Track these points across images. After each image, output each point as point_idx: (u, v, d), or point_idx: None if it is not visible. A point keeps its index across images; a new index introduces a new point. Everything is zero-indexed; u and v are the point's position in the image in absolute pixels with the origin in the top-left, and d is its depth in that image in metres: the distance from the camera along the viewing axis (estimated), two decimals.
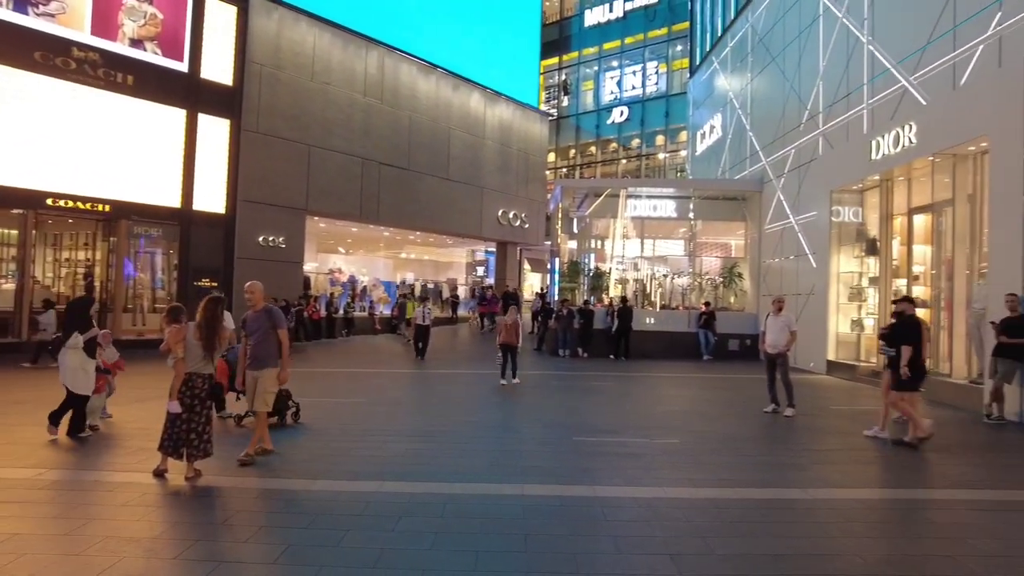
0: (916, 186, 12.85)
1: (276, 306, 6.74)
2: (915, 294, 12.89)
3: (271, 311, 6.41)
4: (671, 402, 10.88)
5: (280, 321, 6.40)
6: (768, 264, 18.47)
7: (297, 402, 8.06)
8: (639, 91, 41.17)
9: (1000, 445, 7.80)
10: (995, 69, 9.70)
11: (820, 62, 15.36)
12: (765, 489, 5.63)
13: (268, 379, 6.29)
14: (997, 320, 9.14)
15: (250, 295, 6.39)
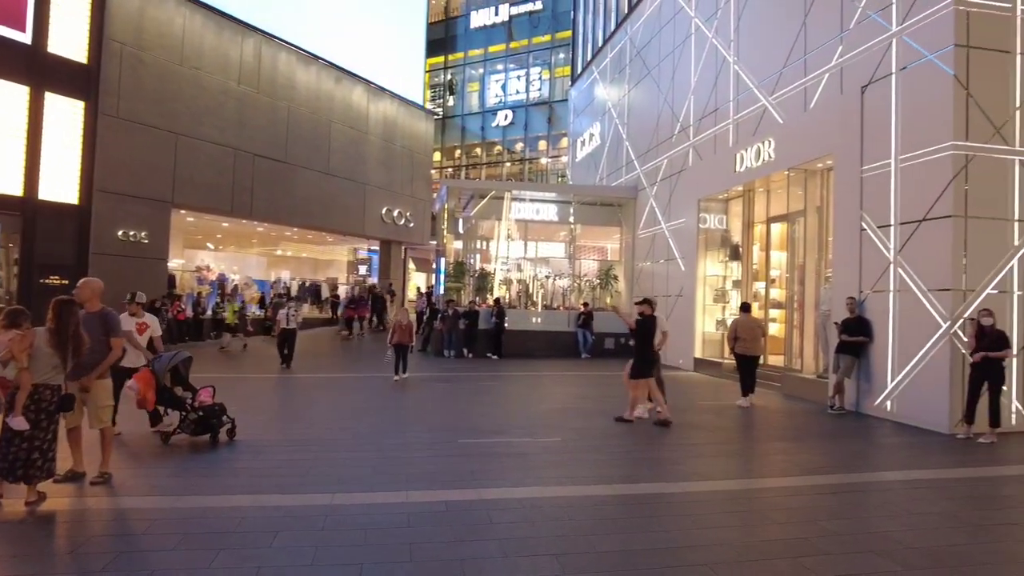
0: (774, 197, 14.02)
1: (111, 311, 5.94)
2: (772, 296, 14.11)
3: (105, 315, 5.76)
4: (553, 400, 11.15)
5: (113, 327, 5.77)
6: (641, 267, 19.43)
7: (232, 417, 7.37)
8: (523, 96, 41.95)
9: (842, 433, 8.67)
10: (838, 95, 10.79)
11: (692, 78, 16.37)
12: (642, 484, 5.90)
13: (99, 392, 5.65)
14: (839, 321, 10.18)
15: (79, 293, 5.70)
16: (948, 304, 8.59)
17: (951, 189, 8.55)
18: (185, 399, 7.14)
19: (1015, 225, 8.76)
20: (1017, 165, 8.76)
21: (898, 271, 9.43)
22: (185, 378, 7.32)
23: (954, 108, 8.55)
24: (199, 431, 7.04)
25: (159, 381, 6.89)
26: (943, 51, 8.71)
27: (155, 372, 6.90)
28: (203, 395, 7.31)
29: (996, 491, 6.09)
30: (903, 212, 9.36)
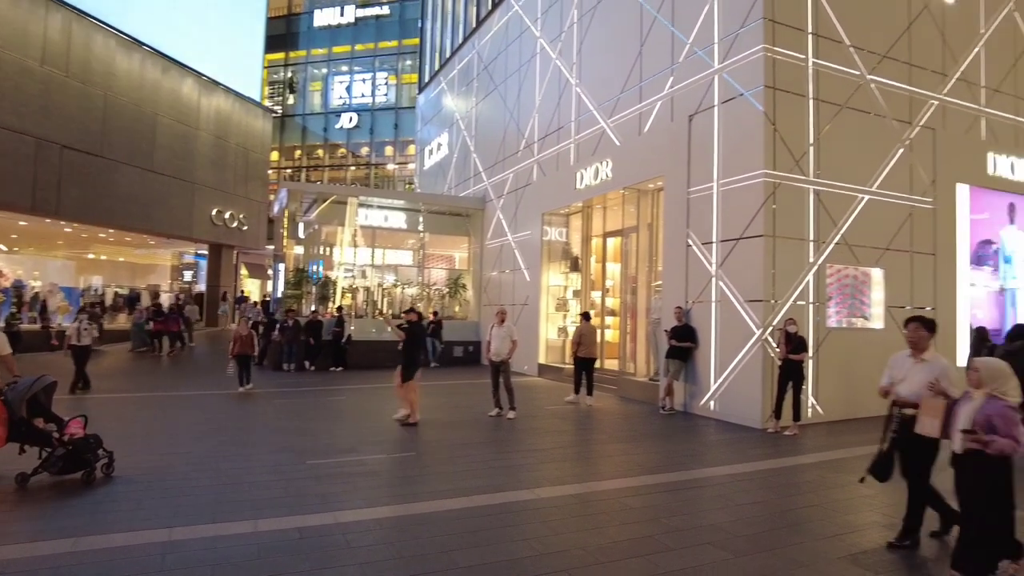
0: (610, 213, 14.98)
1: None
2: (608, 305, 15.03)
3: None
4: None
5: None
6: (489, 276, 19.83)
7: (110, 451, 6.36)
8: (369, 99, 41.09)
9: (673, 432, 9.45)
10: (669, 122, 11.80)
11: (537, 96, 17.04)
12: (499, 494, 6.01)
13: None
14: (669, 328, 11.11)
15: None
16: (760, 313, 9.70)
17: (762, 212, 9.69)
18: (50, 432, 6.11)
19: (811, 244, 10.11)
20: (811, 193, 10.14)
21: (719, 283, 10.49)
22: (47, 408, 6.27)
23: (764, 141, 9.71)
24: (68, 468, 6.06)
25: (13, 413, 5.85)
26: (755, 90, 9.87)
27: (8, 403, 5.86)
28: (72, 426, 6.29)
29: (799, 478, 6.96)
30: (723, 231, 10.44)
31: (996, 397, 4.00)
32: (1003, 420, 3.91)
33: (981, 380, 4.09)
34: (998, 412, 3.94)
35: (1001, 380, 4.04)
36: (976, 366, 4.16)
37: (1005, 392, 4.01)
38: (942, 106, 11.77)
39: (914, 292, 11.22)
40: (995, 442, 3.88)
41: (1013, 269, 13.00)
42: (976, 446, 3.98)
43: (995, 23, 12.66)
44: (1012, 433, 3.88)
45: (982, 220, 12.45)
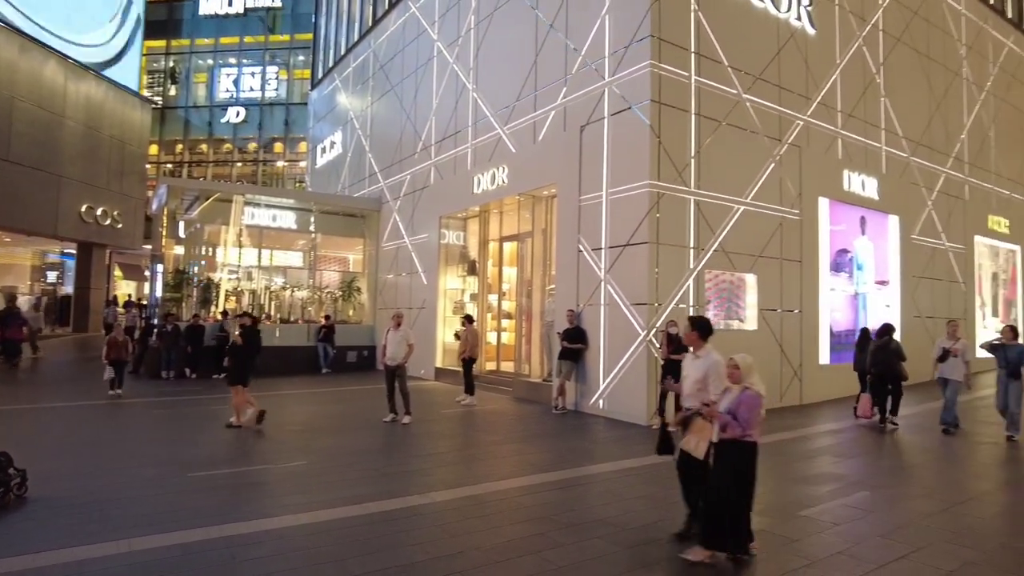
0: (507, 218, 15.21)
1: None
2: (504, 308, 15.25)
3: None
4: (293, 421, 10.64)
5: None
6: (385, 279, 19.55)
7: (22, 470, 5.64)
8: (258, 94, 39.31)
9: (565, 431, 9.74)
10: (562, 131, 12.17)
11: (434, 99, 17.01)
12: (392, 500, 5.97)
13: None
14: (561, 330, 11.44)
15: None
16: (645, 316, 10.21)
17: (647, 220, 10.20)
18: None
19: (691, 251, 10.76)
20: (692, 203, 10.79)
21: (608, 288, 10.93)
22: None
23: (650, 153, 10.23)
24: None
25: None
26: (642, 104, 10.39)
27: None
28: None
29: None
30: (612, 237, 10.89)
31: (749, 388, 4.50)
32: (746, 406, 4.42)
33: (740, 376, 4.54)
34: (746, 400, 4.45)
35: (752, 373, 4.55)
36: (736, 363, 4.59)
37: (753, 383, 4.52)
38: (806, 126, 12.89)
39: (783, 296, 12.20)
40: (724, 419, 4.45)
41: (864, 275, 14.45)
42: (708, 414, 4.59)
43: (848, 55, 14.02)
44: (748, 417, 4.40)
45: (839, 231, 13.75)
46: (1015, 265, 20.80)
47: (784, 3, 12.48)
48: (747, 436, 4.47)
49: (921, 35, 16.55)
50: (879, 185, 14.59)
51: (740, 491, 4.48)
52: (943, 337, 9.77)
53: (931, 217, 16.48)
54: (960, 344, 9.43)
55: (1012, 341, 9.15)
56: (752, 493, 4.55)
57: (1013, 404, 8.98)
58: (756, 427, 4.49)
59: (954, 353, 9.40)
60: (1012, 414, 9.03)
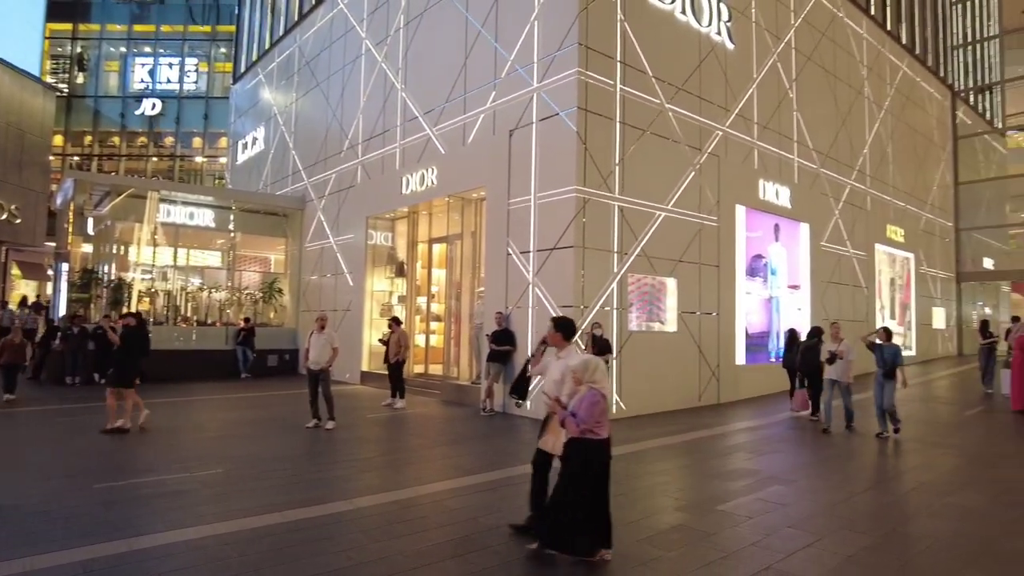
0: (436, 220, 15.13)
1: None
2: (433, 310, 15.16)
3: None
4: (210, 428, 10.22)
5: None
6: (308, 281, 19.07)
7: None
8: (176, 86, 37.43)
9: (493, 433, 9.79)
10: (491, 135, 12.23)
11: (361, 97, 16.74)
12: (314, 507, 5.82)
13: None
14: (490, 332, 11.48)
15: None
16: (571, 318, 10.35)
17: (574, 225, 10.39)
18: None
19: (615, 256, 11.03)
20: (616, 209, 11.07)
21: (535, 290, 11.06)
22: None
23: (576, 159, 10.43)
24: None
25: None
26: (569, 111, 10.57)
27: None
28: None
29: None
30: (539, 241, 11.03)
31: (592, 386, 4.50)
32: (586, 404, 4.43)
33: (580, 378, 4.56)
34: (586, 398, 4.45)
35: (590, 372, 4.54)
36: (573, 368, 4.63)
37: (595, 381, 4.52)
38: (725, 137, 13.46)
39: (701, 299, 12.68)
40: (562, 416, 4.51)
41: (777, 280, 15.21)
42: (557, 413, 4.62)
43: (764, 70, 14.75)
44: (587, 415, 4.40)
45: (755, 237, 14.42)
46: (909, 271, 22.40)
47: (705, 18, 13.00)
48: (591, 433, 4.44)
49: (829, 55, 17.61)
50: (791, 194, 15.40)
51: (594, 490, 4.50)
52: (828, 340, 10.27)
53: (838, 225, 17.54)
54: (844, 346, 9.95)
55: (887, 342, 9.64)
56: (607, 492, 4.57)
57: (887, 401, 9.34)
58: (603, 425, 4.49)
59: (840, 355, 9.89)
60: (887, 411, 9.39)
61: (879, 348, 9.61)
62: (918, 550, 4.89)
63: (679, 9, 12.44)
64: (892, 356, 9.47)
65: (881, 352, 9.55)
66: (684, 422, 10.70)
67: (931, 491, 6.61)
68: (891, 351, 9.51)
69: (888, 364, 9.44)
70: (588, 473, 4.47)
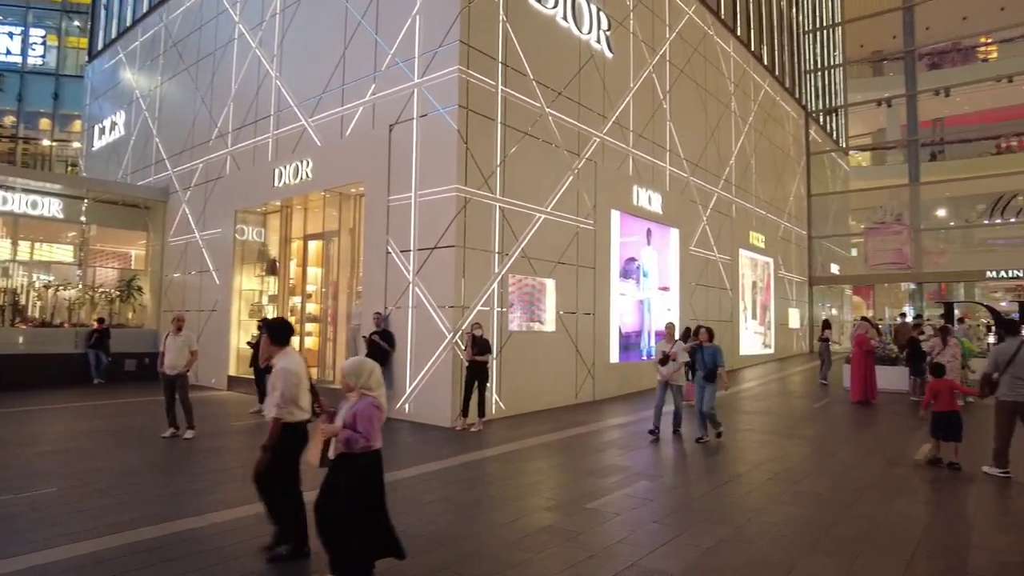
0: (311, 215, 14.52)
1: None
2: (308, 311, 14.53)
3: None
4: (49, 441, 9.16)
5: None
6: (171, 278, 17.71)
7: None
8: (18, 59, 33.52)
9: None
10: (370, 129, 11.88)
11: (233, 83, 15.75)
12: (164, 524, 5.33)
13: None
14: (368, 334, 11.13)
15: None
16: (451, 318, 10.28)
17: (455, 224, 10.30)
18: None
19: (495, 256, 11.05)
20: (497, 209, 11.10)
21: (416, 290, 10.85)
22: None
23: (457, 157, 10.34)
24: None
25: None
26: (450, 108, 10.47)
27: None
28: None
29: (482, 471, 7.52)
30: (420, 240, 10.84)
31: (366, 394, 4.04)
32: (362, 416, 3.97)
33: (348, 383, 4.08)
34: (361, 409, 3.99)
35: (363, 376, 4.06)
36: (342, 370, 4.20)
37: (369, 387, 4.05)
38: (602, 143, 13.89)
39: (578, 300, 13.00)
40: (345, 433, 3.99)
41: (649, 282, 15.91)
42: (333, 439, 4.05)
43: (640, 81, 15.39)
44: (367, 428, 3.97)
45: (629, 242, 14.99)
46: (769, 275, 24.23)
47: (586, 25, 13.34)
48: (366, 445, 4.02)
49: (700, 70, 18.67)
50: (663, 201, 16.17)
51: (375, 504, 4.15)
52: (663, 341, 9.92)
53: (705, 231, 18.63)
54: (677, 347, 9.51)
55: (708, 343, 9.24)
56: (384, 502, 4.25)
57: (706, 405, 9.01)
58: (377, 436, 4.08)
59: (672, 357, 9.42)
60: (707, 415, 9.08)
61: (699, 350, 9.26)
62: (770, 538, 5.20)
63: (560, 15, 12.69)
64: (712, 357, 9.08)
65: (701, 354, 9.18)
66: (561, 420, 10.90)
67: (784, 480, 7.10)
68: (711, 352, 9.12)
69: (708, 366, 9.07)
70: (366, 488, 4.07)
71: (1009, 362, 7.15)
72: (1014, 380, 7.11)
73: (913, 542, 5.10)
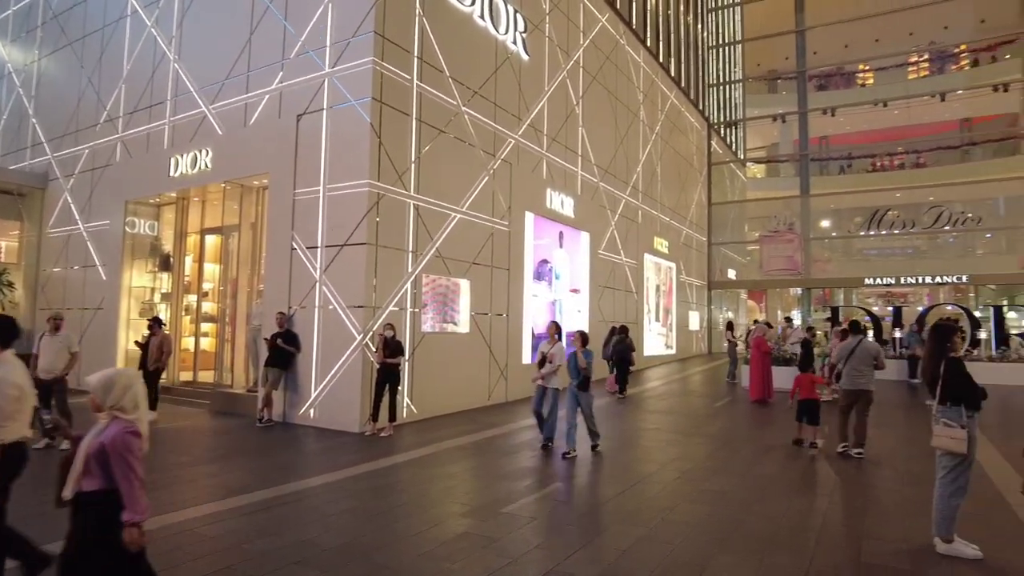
0: (210, 208, 13.66)
1: None
2: (205, 310, 13.66)
3: None
4: None
5: None
6: (50, 273, 16.17)
7: None
8: None
9: (270, 445, 8.96)
10: (276, 118, 11.29)
11: (125, 64, 14.58)
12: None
13: None
14: (269, 336, 10.56)
15: None
16: (361, 319, 9.91)
17: (366, 221, 9.94)
18: None
19: (409, 255, 10.78)
20: (412, 207, 10.83)
21: (323, 289, 10.40)
22: None
23: (370, 152, 9.99)
24: None
25: None
26: (363, 100, 10.10)
27: None
28: None
29: (392, 478, 7.25)
30: (329, 236, 10.39)
31: (119, 417, 3.06)
32: (112, 448, 2.96)
33: (96, 400, 3.08)
34: (111, 438, 2.98)
35: (114, 393, 3.07)
36: (88, 382, 3.15)
37: (123, 408, 3.07)
38: (517, 145, 13.89)
39: (492, 301, 12.92)
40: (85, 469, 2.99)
41: (561, 284, 16.09)
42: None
43: (554, 85, 15.53)
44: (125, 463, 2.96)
45: (542, 244, 15.09)
46: (672, 279, 25.16)
47: (503, 26, 13.30)
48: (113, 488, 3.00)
49: (611, 77, 19.10)
50: (575, 205, 16.39)
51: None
52: (545, 342, 9.02)
53: (613, 235, 19.07)
54: (556, 348, 8.75)
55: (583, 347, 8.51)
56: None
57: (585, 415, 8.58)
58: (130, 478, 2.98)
59: (550, 359, 8.72)
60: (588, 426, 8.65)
61: (572, 356, 8.51)
62: (682, 537, 5.28)
63: (478, 13, 12.57)
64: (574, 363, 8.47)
65: (574, 360, 8.46)
66: (474, 422, 10.77)
67: (691, 479, 7.29)
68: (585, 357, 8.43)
69: (581, 373, 8.46)
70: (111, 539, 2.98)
71: (849, 356, 8.61)
72: (852, 371, 8.56)
73: (814, 536, 5.34)
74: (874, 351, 8.63)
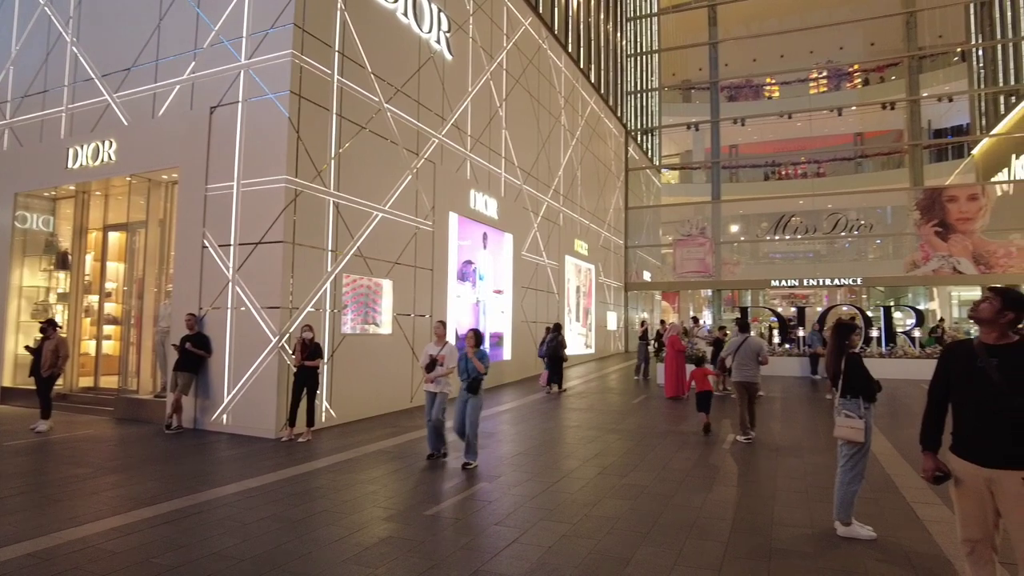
0: (113, 203, 12.84)
1: None
2: (107, 311, 12.83)
3: None
4: None
5: None
6: None
7: None
8: None
9: (180, 453, 8.51)
10: (188, 110, 10.75)
11: (14, 44, 13.48)
12: None
13: None
14: (177, 342, 10.02)
15: None
16: (278, 320, 9.58)
17: (283, 218, 9.62)
18: None
19: (328, 254, 10.52)
20: (332, 205, 10.57)
21: (236, 289, 9.98)
22: None
23: (288, 147, 9.68)
24: None
25: None
26: (281, 94, 9.77)
27: None
28: None
29: (310, 484, 7.05)
30: (243, 234, 9.98)
31: None
32: None
33: None
34: None
35: None
36: None
37: None
38: (441, 145, 13.82)
39: (415, 301, 12.79)
40: None
41: (485, 285, 16.13)
42: None
43: (478, 86, 15.56)
44: None
45: (465, 245, 15.07)
46: (591, 281, 25.73)
47: (427, 24, 13.19)
48: None
49: (534, 81, 19.33)
50: (498, 206, 16.48)
51: None
52: (431, 343, 8.49)
53: (536, 237, 19.30)
54: (446, 349, 8.17)
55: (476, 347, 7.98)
56: None
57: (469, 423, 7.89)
58: None
59: (440, 361, 8.11)
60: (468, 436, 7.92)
61: (463, 358, 7.98)
62: (606, 532, 5.41)
63: (401, 10, 12.42)
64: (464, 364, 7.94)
65: (465, 362, 7.95)
66: (396, 425, 10.63)
67: (612, 474, 7.47)
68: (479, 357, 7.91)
69: (472, 375, 7.89)
70: None
71: (736, 351, 9.64)
72: (739, 365, 9.60)
73: (728, 524, 5.60)
74: (757, 347, 9.61)
